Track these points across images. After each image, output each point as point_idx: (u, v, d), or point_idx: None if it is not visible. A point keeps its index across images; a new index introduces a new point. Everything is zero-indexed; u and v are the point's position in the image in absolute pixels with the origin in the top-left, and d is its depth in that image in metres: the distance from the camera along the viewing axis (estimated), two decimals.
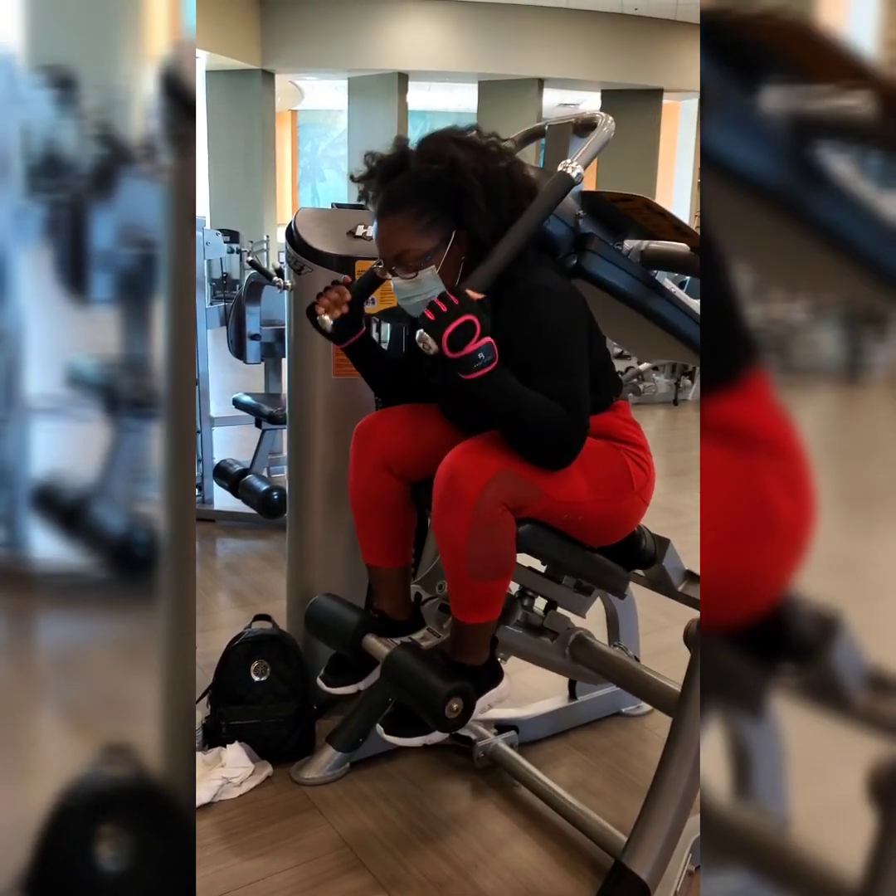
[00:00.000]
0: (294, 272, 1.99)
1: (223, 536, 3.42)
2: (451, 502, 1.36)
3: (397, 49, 12.66)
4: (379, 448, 1.57)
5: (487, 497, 1.34)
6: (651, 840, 1.44)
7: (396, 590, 1.65)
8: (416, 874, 1.61)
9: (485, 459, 1.36)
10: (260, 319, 3.48)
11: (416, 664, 1.45)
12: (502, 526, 1.37)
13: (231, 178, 12.91)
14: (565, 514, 1.45)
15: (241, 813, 1.76)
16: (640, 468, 1.53)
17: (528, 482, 1.38)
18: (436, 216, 1.40)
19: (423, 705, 1.42)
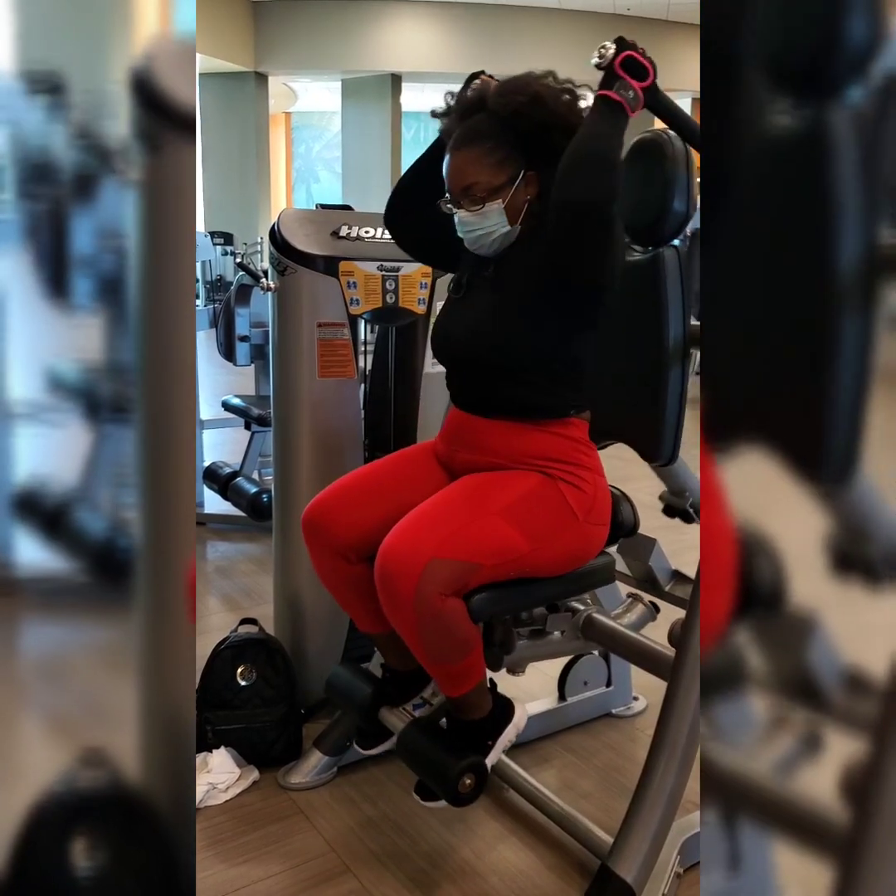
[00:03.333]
0: (278, 273, 1.98)
1: (213, 539, 3.41)
2: (392, 604, 1.36)
3: (390, 50, 12.66)
4: (329, 540, 1.53)
5: (423, 593, 1.31)
6: (636, 843, 1.43)
7: (396, 647, 1.59)
8: (402, 879, 1.59)
9: (413, 549, 1.33)
10: (249, 321, 3.47)
11: (426, 744, 1.50)
12: (447, 613, 1.34)
13: (225, 181, 12.90)
14: (512, 573, 1.43)
15: (227, 818, 1.75)
16: (580, 491, 1.46)
17: (460, 562, 1.35)
18: (508, 153, 1.43)
19: (438, 785, 1.45)
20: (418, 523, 1.38)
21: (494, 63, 10.66)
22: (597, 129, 1.33)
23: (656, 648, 1.65)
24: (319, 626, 2.09)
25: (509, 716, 1.53)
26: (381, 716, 1.62)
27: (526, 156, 1.44)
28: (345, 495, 1.56)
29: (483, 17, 12.41)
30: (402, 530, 1.37)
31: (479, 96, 1.47)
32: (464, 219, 1.47)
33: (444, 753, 1.45)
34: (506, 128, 1.43)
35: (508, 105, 1.42)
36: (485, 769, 1.45)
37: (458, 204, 1.47)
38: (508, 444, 1.48)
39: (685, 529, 1.97)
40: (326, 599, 1.80)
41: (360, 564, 1.53)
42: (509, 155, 1.44)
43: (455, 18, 12.49)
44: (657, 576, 1.86)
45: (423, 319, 2.10)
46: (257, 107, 12.88)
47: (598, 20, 12.62)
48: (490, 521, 1.39)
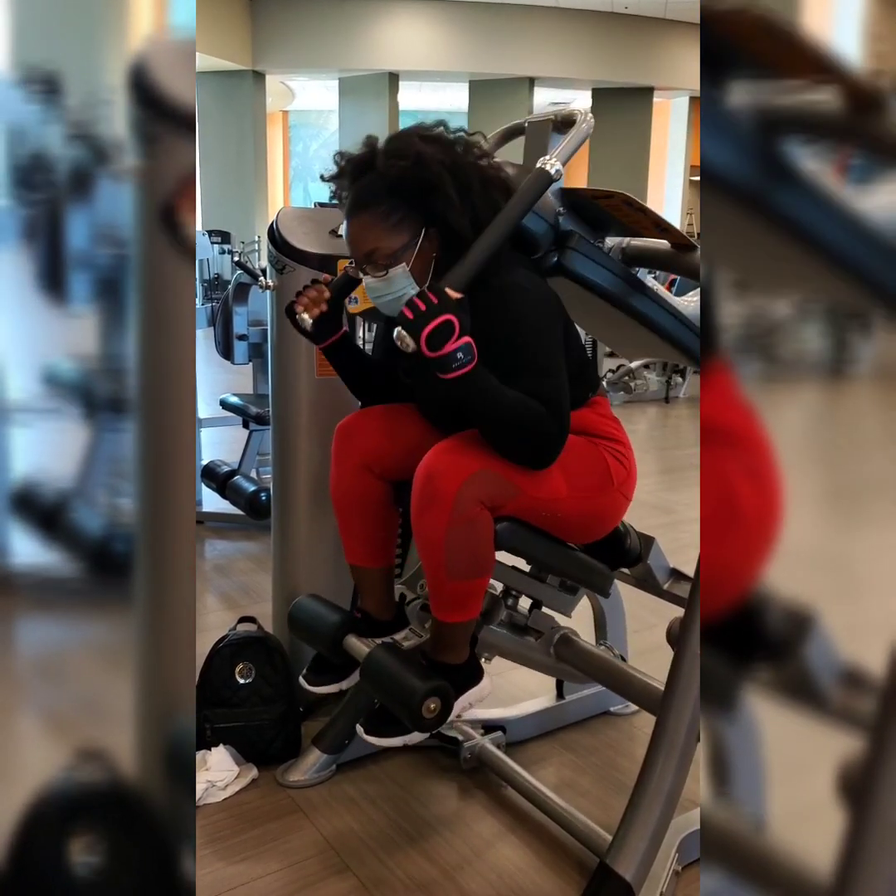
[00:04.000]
0: (276, 272, 1.98)
1: (211, 538, 3.41)
2: (429, 502, 1.35)
3: (388, 49, 12.66)
4: (359, 448, 1.56)
5: (464, 495, 1.33)
6: (635, 841, 1.43)
7: (380, 590, 1.64)
8: (401, 876, 1.60)
9: (462, 459, 1.36)
10: (247, 320, 3.47)
11: (394, 663, 1.44)
12: (480, 524, 1.37)
13: (223, 179, 12.90)
14: (544, 512, 1.45)
15: (226, 816, 1.75)
16: (619, 464, 1.52)
17: (505, 480, 1.37)
18: (404, 214, 1.39)
19: (400, 705, 1.41)
20: (471, 440, 1.39)
21: (491, 62, 10.71)
22: (472, 405, 1.33)
23: (630, 673, 1.68)
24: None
25: (477, 677, 1.51)
26: (347, 644, 1.58)
27: (422, 213, 1.40)
28: (387, 414, 1.60)
29: (480, 16, 12.41)
30: (454, 441, 1.39)
31: (370, 155, 1.42)
32: (370, 285, 1.43)
33: (411, 674, 1.41)
34: (396, 190, 1.39)
35: (394, 168, 1.38)
36: (451, 696, 1.42)
37: (364, 270, 1.44)
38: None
39: (684, 528, 1.98)
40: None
41: (381, 481, 1.56)
42: (406, 215, 1.39)
43: (452, 17, 12.49)
44: (655, 574, 1.86)
45: None
46: (254, 105, 12.88)
47: (596, 19, 12.62)
48: None
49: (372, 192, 1.40)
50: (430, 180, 1.36)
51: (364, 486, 1.57)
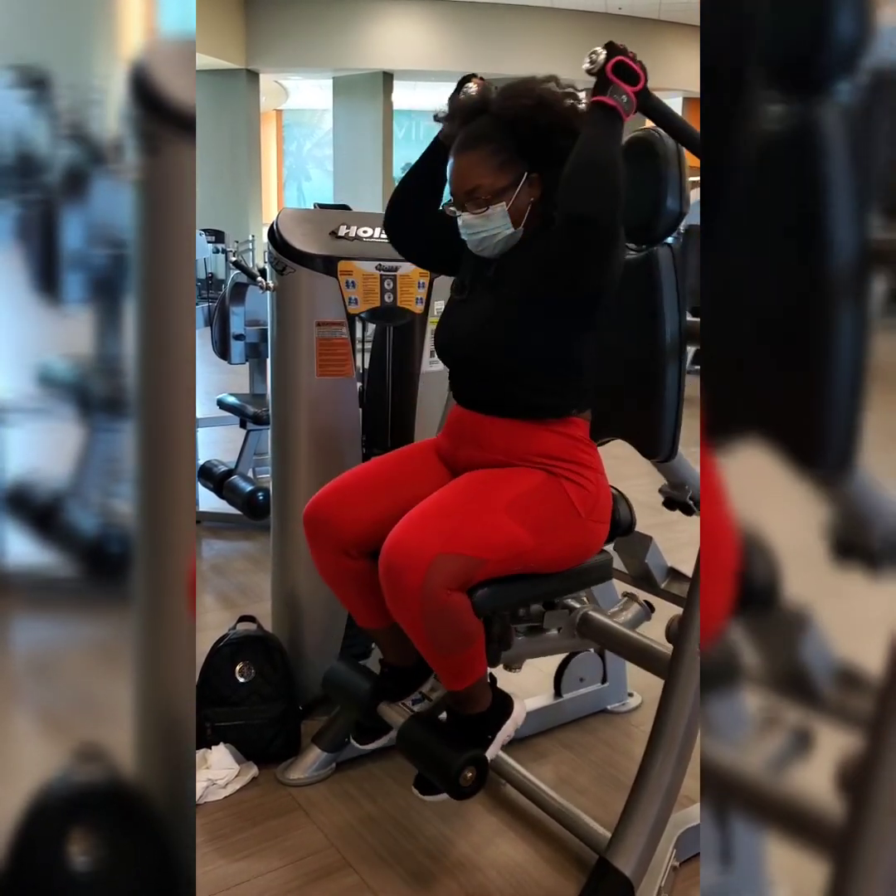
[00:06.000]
0: (276, 272, 1.99)
1: (209, 538, 3.41)
2: (397, 598, 1.37)
3: (382, 48, 12.64)
4: (331, 537, 1.54)
5: (430, 586, 1.32)
6: (634, 836, 1.45)
7: (396, 642, 1.61)
8: (401, 873, 1.61)
9: (421, 544, 1.34)
10: (244, 319, 3.47)
11: (427, 738, 1.51)
12: (453, 606, 1.36)
13: (216, 178, 12.85)
14: (517, 567, 1.44)
15: (227, 815, 1.76)
16: (584, 491, 1.48)
17: (466, 557, 1.36)
18: (511, 155, 1.45)
19: (439, 778, 1.46)
20: (424, 518, 1.39)
21: (486, 62, 10.66)
22: (595, 136, 1.34)
23: (652, 646, 1.67)
24: (317, 623, 2.10)
25: (508, 711, 1.55)
26: (381, 710, 1.64)
27: (529, 158, 1.46)
28: (347, 491, 1.57)
29: (475, 16, 12.41)
30: (408, 525, 1.38)
31: (482, 99, 1.48)
32: (468, 221, 1.48)
33: (446, 747, 1.46)
34: (509, 131, 1.44)
35: (512, 108, 1.43)
36: (485, 762, 1.47)
37: (462, 207, 1.48)
38: (511, 442, 1.50)
39: (681, 527, 1.99)
40: (324, 597, 1.82)
41: (361, 560, 1.54)
42: (513, 157, 1.45)
43: (447, 17, 12.48)
44: (653, 573, 1.88)
45: (421, 319, 2.12)
46: (248, 104, 12.85)
47: (590, 19, 12.63)
48: (495, 516, 1.40)
49: (484, 131, 1.46)
50: (549, 124, 1.42)
51: (345, 569, 1.56)
